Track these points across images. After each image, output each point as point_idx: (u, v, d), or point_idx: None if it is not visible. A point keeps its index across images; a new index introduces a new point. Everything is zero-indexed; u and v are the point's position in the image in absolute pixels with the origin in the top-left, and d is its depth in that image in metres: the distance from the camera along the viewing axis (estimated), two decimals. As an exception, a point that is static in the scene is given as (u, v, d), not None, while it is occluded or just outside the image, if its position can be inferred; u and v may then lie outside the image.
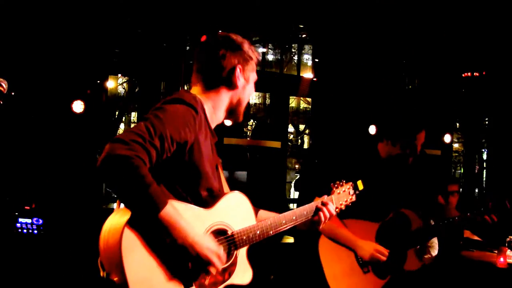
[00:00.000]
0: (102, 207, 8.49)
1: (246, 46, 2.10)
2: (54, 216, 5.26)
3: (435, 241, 4.81)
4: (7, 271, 4.61)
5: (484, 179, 10.26)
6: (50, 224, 5.14)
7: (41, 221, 5.08)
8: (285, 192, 9.95)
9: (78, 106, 5.73)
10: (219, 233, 1.93)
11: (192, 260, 1.79)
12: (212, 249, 1.80)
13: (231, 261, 1.96)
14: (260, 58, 2.20)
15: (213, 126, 2.06)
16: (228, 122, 2.25)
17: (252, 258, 2.08)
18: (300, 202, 2.62)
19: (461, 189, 6.20)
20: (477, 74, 8.03)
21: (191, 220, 1.78)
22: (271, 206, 2.39)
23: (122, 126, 13.49)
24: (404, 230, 2.96)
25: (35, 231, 5.06)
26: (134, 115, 13.30)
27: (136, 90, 10.59)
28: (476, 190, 10.61)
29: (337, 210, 2.37)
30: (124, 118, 13.04)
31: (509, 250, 4.06)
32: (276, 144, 6.84)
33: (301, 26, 7.66)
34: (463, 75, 8.13)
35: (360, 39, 7.19)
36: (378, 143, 3.11)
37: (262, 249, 2.50)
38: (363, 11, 6.68)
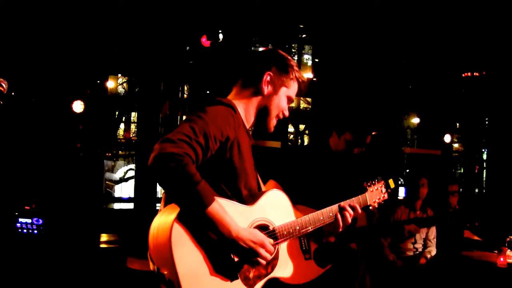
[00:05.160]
0: (102, 207, 8.47)
1: (290, 62, 2.17)
2: (54, 216, 5.26)
3: (433, 242, 4.84)
4: (7, 271, 4.61)
5: (484, 179, 10.24)
6: (50, 224, 5.14)
7: (41, 221, 5.08)
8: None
9: (78, 106, 5.73)
10: (261, 229, 2.02)
11: (238, 253, 1.90)
12: (256, 240, 1.90)
13: (273, 255, 2.05)
14: (304, 80, 2.24)
15: (249, 129, 2.17)
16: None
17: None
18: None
19: (461, 189, 6.20)
20: (477, 74, 8.02)
21: (234, 216, 1.89)
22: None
23: (122, 126, 13.47)
24: (349, 225, 2.99)
25: (35, 231, 5.06)
26: (134, 115, 13.27)
27: (136, 90, 10.58)
28: (476, 190, 10.60)
29: (371, 207, 2.52)
30: (124, 118, 13.02)
31: (509, 250, 4.07)
32: (276, 144, 6.83)
33: (301, 26, 7.65)
34: (463, 75, 8.12)
35: (360, 39, 7.19)
36: (329, 138, 3.17)
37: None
38: (363, 11, 6.68)
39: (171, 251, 1.75)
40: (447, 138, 7.74)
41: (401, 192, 8.65)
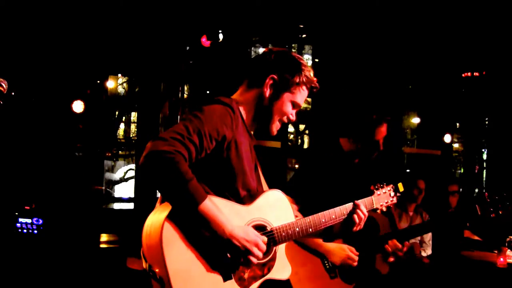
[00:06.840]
0: (102, 207, 8.47)
1: (300, 66, 2.09)
2: (54, 216, 5.26)
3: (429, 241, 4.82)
4: (7, 271, 4.61)
5: (484, 179, 10.24)
6: (50, 224, 5.14)
7: (41, 221, 5.08)
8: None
9: (78, 106, 5.73)
10: (258, 229, 1.98)
11: (231, 252, 1.86)
12: (249, 239, 1.86)
13: (270, 256, 2.03)
14: (316, 86, 2.18)
15: (250, 129, 2.12)
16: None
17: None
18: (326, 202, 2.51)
19: (461, 189, 6.20)
20: (477, 74, 8.02)
21: (230, 215, 1.85)
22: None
23: (122, 126, 13.47)
24: (372, 233, 2.82)
25: (35, 231, 5.05)
26: (134, 115, 13.28)
27: (136, 90, 10.58)
28: (476, 190, 10.59)
29: (378, 210, 2.46)
30: (124, 118, 13.02)
31: (509, 250, 4.06)
32: (276, 144, 6.82)
33: (301, 26, 7.65)
34: (463, 75, 8.12)
35: (360, 39, 7.19)
36: (339, 138, 2.98)
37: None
38: (363, 11, 6.68)
39: (162, 250, 1.75)
40: (447, 138, 7.74)
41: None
